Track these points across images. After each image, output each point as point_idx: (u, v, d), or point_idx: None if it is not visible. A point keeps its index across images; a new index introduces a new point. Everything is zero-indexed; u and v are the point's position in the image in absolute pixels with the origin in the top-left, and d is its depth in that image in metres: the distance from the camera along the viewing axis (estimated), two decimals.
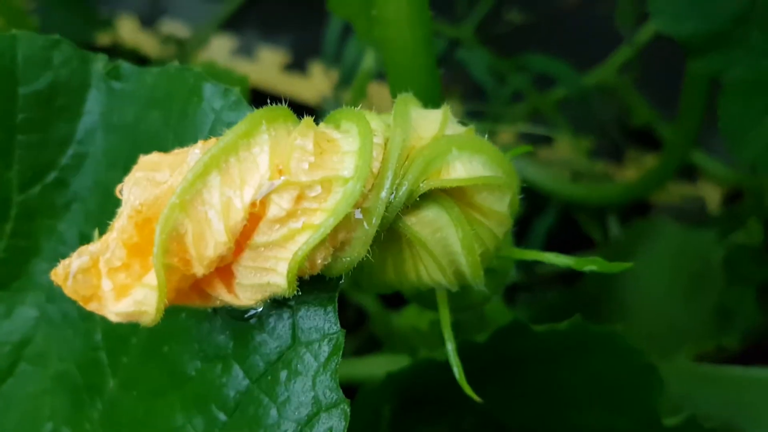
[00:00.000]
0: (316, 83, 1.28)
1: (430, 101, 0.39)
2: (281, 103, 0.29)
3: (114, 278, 0.25)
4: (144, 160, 0.27)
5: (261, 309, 0.30)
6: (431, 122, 0.31)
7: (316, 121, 0.30)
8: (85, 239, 0.40)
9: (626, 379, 0.49)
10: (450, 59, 1.04)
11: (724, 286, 0.83)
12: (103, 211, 0.40)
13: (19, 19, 0.93)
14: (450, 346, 0.35)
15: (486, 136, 0.32)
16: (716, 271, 0.86)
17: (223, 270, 0.27)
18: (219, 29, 1.34)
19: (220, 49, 1.33)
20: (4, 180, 0.39)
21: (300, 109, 0.32)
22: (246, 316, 0.31)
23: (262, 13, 1.37)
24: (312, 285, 0.30)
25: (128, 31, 1.35)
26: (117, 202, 0.39)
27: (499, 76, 1.02)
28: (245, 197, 0.25)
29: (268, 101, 0.29)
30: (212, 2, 1.38)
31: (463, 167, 0.29)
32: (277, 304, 0.31)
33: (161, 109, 0.36)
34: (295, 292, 0.27)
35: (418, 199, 0.29)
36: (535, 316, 0.88)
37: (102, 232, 0.40)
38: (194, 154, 0.26)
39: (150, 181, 0.26)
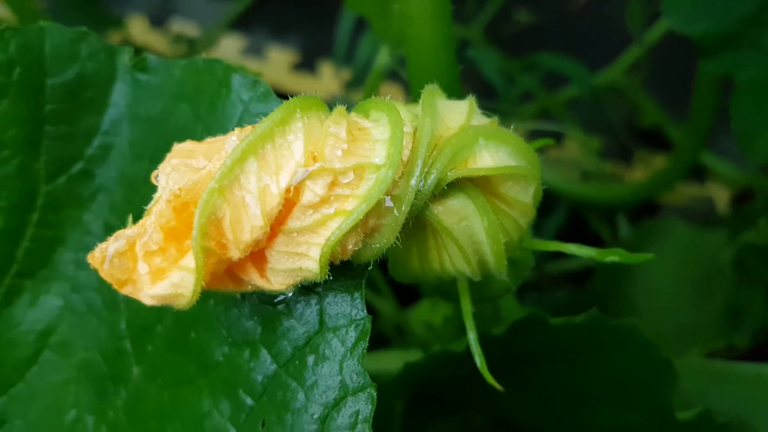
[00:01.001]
0: (325, 83, 1.28)
1: (451, 96, 0.39)
2: None
3: (150, 261, 0.26)
4: (178, 147, 0.28)
5: (290, 294, 0.31)
6: (457, 113, 0.31)
7: None
8: (111, 229, 0.41)
9: (641, 373, 0.50)
10: (459, 59, 1.04)
11: (734, 285, 0.83)
12: (128, 201, 0.40)
13: (33, 19, 0.93)
14: (472, 335, 0.35)
15: None
16: (725, 270, 0.86)
17: (256, 255, 0.28)
18: (228, 29, 1.35)
19: (229, 48, 1.33)
20: (32, 170, 0.40)
21: None
22: (276, 300, 0.32)
23: (272, 12, 1.37)
24: (339, 272, 0.31)
25: (138, 30, 1.36)
26: (143, 193, 0.40)
27: (508, 76, 1.03)
28: (281, 183, 0.26)
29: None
30: (221, 2, 1.39)
31: (490, 157, 0.30)
32: (304, 290, 0.31)
33: (190, 101, 0.36)
34: (326, 278, 0.28)
35: (445, 187, 0.30)
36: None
37: (128, 222, 0.41)
38: (231, 141, 0.26)
39: (188, 167, 0.26)
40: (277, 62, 1.31)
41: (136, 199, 0.40)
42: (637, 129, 1.12)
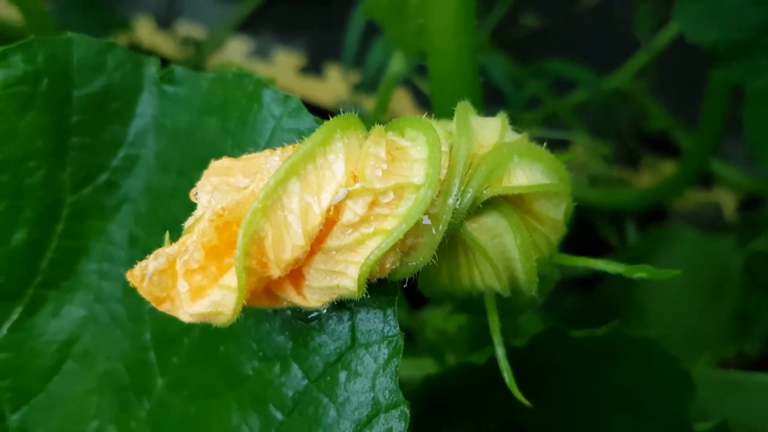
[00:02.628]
0: (332, 86, 1.28)
1: (474, 107, 0.39)
2: None
3: (190, 280, 0.26)
4: (215, 165, 0.28)
5: (324, 310, 0.31)
6: (490, 130, 0.31)
7: None
8: (135, 240, 0.41)
9: (658, 384, 0.50)
10: None
11: (743, 292, 0.83)
12: (153, 213, 0.40)
13: (40, 20, 0.92)
14: (500, 352, 0.35)
15: None
16: (734, 277, 0.86)
17: (294, 273, 0.28)
18: (235, 31, 1.35)
19: (236, 51, 1.33)
20: (57, 181, 0.40)
21: (316, 112, 0.33)
22: (309, 317, 0.32)
23: (278, 15, 1.37)
24: (372, 288, 0.31)
25: (145, 32, 1.36)
26: (168, 204, 0.40)
27: (515, 81, 1.03)
28: (323, 202, 0.26)
29: None
30: (228, 4, 1.38)
31: (524, 175, 0.30)
32: (337, 306, 0.31)
33: (218, 115, 0.36)
34: (364, 296, 0.28)
35: (480, 205, 0.30)
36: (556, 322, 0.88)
37: (152, 234, 0.41)
38: (273, 161, 0.26)
39: (230, 186, 0.26)
40: (284, 65, 1.31)
41: (161, 210, 0.40)
42: (645, 134, 1.12)
